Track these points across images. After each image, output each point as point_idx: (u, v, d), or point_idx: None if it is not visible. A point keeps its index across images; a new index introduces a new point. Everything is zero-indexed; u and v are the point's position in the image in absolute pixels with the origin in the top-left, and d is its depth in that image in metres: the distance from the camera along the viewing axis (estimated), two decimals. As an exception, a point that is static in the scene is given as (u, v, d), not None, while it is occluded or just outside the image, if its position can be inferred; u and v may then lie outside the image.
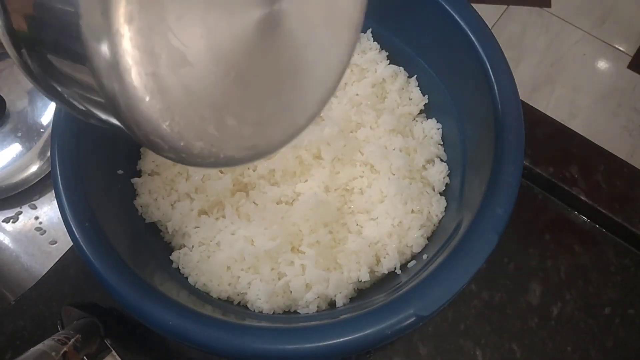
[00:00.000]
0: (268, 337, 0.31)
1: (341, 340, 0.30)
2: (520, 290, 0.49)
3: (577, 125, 0.73)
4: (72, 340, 0.41)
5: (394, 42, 0.48)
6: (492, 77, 0.38)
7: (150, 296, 0.32)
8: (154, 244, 0.43)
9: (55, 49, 0.19)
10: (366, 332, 0.30)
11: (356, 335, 0.30)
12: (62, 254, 0.52)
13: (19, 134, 0.65)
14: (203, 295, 0.40)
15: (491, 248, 0.32)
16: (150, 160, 0.45)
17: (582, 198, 0.52)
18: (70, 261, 0.51)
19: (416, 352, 0.47)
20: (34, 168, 0.64)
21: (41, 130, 0.65)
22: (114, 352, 0.46)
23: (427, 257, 0.40)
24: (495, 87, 0.37)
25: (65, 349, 0.39)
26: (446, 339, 0.48)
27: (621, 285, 0.50)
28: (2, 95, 0.65)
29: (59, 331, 0.43)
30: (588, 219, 0.53)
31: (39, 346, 0.39)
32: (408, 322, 0.30)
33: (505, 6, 1.47)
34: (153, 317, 0.31)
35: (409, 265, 0.41)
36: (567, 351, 0.47)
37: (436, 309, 0.30)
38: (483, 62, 0.38)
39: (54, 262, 0.52)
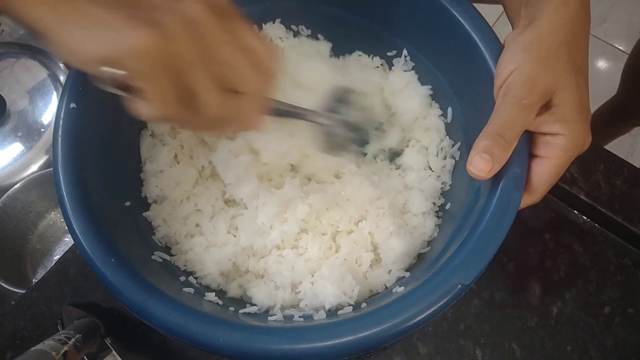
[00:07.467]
0: (285, 335, 0.30)
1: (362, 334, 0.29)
2: (520, 290, 0.50)
3: (576, 125, 0.72)
4: (73, 340, 0.41)
5: (396, 43, 0.48)
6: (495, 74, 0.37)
7: (154, 296, 0.32)
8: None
9: None
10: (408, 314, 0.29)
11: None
12: (62, 254, 0.52)
13: (20, 134, 0.64)
14: (207, 295, 0.40)
15: (517, 206, 0.32)
16: (153, 185, 0.44)
17: (582, 197, 0.52)
18: (70, 261, 0.51)
19: (416, 351, 0.47)
20: (34, 167, 0.63)
21: (42, 129, 0.64)
22: (114, 352, 0.46)
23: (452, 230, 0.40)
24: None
25: (65, 348, 0.39)
26: (446, 339, 0.48)
27: (621, 285, 0.50)
28: (2, 95, 0.65)
29: (59, 331, 0.43)
30: (588, 218, 0.53)
31: (39, 346, 0.39)
32: (454, 292, 0.30)
33: (505, 6, 1.47)
34: (156, 317, 0.31)
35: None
36: (567, 351, 0.47)
37: (477, 274, 0.30)
38: (485, 59, 0.38)
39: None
